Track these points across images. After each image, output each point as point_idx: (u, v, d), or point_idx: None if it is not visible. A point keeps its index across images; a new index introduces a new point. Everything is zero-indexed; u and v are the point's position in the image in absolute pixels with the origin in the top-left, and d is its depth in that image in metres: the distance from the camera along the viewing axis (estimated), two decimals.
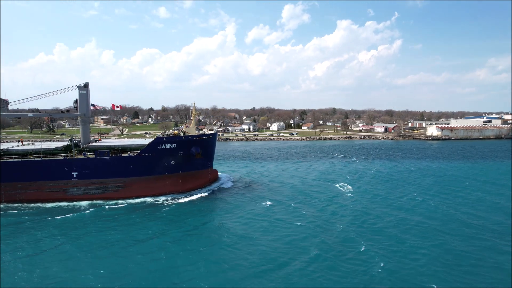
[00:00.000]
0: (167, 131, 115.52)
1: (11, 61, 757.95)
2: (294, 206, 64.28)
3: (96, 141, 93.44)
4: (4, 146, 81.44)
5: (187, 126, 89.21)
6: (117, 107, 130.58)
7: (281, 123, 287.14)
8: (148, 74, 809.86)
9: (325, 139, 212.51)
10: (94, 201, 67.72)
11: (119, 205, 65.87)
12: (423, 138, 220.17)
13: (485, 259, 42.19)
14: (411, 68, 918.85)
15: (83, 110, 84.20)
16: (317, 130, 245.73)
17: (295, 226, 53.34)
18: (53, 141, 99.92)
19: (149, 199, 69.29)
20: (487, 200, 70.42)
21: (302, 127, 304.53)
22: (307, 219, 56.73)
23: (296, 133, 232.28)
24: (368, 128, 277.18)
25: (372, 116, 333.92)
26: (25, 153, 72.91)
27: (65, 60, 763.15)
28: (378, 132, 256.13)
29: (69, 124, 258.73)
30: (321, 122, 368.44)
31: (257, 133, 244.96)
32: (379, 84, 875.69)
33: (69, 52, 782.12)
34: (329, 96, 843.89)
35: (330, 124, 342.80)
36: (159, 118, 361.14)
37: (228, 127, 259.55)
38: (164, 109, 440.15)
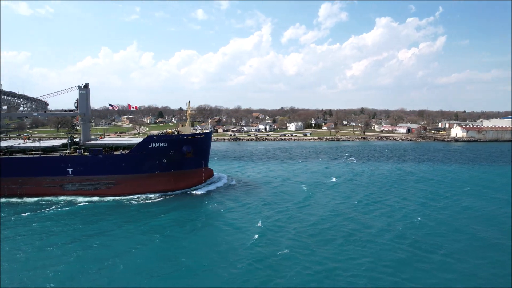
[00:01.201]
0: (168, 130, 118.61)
1: (61, 65, 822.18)
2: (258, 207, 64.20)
3: (97, 139, 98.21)
4: (9, 143, 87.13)
5: (182, 125, 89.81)
6: (133, 107, 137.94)
7: (299, 123, 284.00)
8: (186, 75, 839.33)
9: (338, 139, 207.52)
10: (87, 197, 70.35)
11: (107, 202, 67.89)
12: (446, 139, 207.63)
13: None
14: (455, 66, 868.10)
15: (83, 109, 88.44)
16: (333, 130, 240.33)
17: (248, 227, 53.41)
18: (55, 139, 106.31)
19: (138, 196, 70.76)
20: (473, 209, 65.32)
21: (323, 127, 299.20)
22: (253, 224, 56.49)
23: (310, 134, 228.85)
24: (390, 128, 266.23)
25: (397, 116, 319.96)
26: (26, 150, 77.51)
27: (109, 62, 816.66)
28: (399, 133, 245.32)
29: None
30: (345, 122, 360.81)
31: (271, 133, 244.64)
32: (419, 83, 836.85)
33: (112, 55, 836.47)
34: (366, 96, 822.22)
35: (354, 124, 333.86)
36: (183, 117, 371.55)
37: (244, 127, 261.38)
38: (189, 109, 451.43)
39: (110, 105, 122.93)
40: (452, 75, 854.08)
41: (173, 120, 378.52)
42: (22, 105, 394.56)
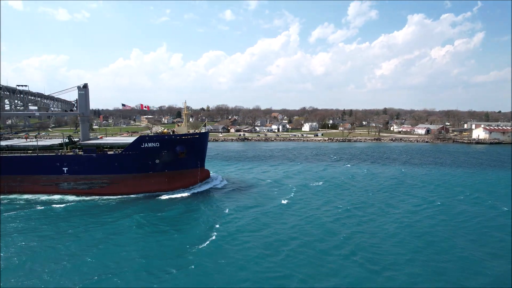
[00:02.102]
0: (164, 129, 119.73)
1: (95, 66, 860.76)
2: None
3: (96, 139, 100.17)
4: (10, 142, 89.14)
5: (178, 125, 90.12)
6: (145, 107, 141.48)
7: (314, 123, 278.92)
8: (213, 75, 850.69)
9: (349, 140, 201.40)
10: (80, 196, 71.02)
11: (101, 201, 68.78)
12: (466, 141, 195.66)
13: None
14: (494, 64, 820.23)
15: (82, 109, 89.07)
16: (346, 131, 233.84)
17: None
18: (56, 138, 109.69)
19: (132, 196, 71.20)
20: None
21: (340, 128, 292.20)
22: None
23: (322, 134, 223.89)
24: (409, 129, 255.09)
25: (419, 117, 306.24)
26: (25, 148, 79.42)
27: (139, 64, 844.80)
28: (417, 134, 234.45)
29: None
30: (364, 122, 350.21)
31: (282, 133, 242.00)
32: (454, 82, 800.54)
33: (143, 57, 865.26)
34: (395, 95, 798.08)
35: (374, 125, 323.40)
36: (204, 117, 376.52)
37: (256, 127, 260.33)
38: (208, 108, 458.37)
39: (123, 105, 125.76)
40: (491, 73, 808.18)
41: (190, 119, 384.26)
42: (52, 106, 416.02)
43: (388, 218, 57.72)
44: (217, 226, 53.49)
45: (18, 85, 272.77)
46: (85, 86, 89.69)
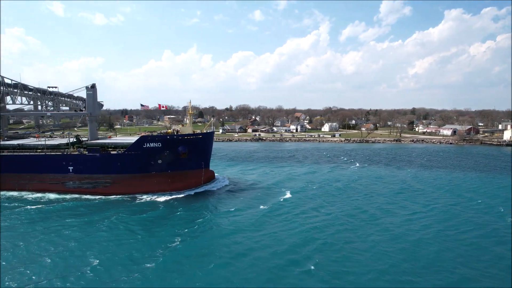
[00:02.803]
0: (168, 130, 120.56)
1: (128, 68, 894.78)
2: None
3: (105, 138, 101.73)
4: (22, 141, 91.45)
5: (182, 126, 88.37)
6: (163, 107, 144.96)
7: (334, 124, 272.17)
8: (242, 75, 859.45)
9: (367, 141, 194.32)
10: (86, 195, 72.11)
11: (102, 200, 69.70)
12: (495, 143, 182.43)
13: None
14: None
15: (90, 109, 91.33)
16: (364, 131, 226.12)
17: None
18: (65, 137, 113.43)
19: (132, 196, 71.19)
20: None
21: (362, 128, 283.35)
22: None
23: (339, 135, 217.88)
24: (434, 130, 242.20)
25: (446, 117, 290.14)
26: (35, 147, 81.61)
27: (171, 65, 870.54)
28: (442, 135, 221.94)
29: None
30: (389, 123, 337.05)
31: (298, 133, 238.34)
32: (494, 80, 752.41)
33: (174, 58, 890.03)
34: (429, 95, 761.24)
35: (399, 125, 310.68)
36: (226, 117, 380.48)
37: (274, 127, 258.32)
38: (231, 108, 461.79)
39: (141, 105, 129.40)
40: None
41: (212, 119, 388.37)
42: (82, 106, 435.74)
43: (375, 227, 54.12)
44: (186, 230, 52.71)
45: (49, 87, 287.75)
46: (93, 86, 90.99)
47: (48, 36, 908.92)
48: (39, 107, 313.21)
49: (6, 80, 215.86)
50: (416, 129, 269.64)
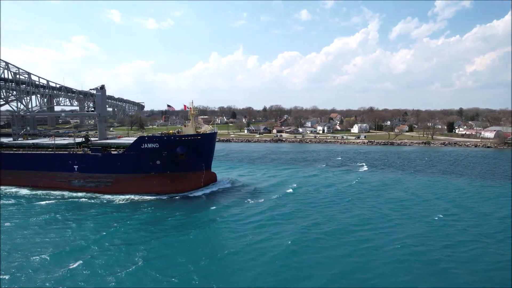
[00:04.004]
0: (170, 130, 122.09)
1: (177, 70, 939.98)
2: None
3: (114, 138, 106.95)
4: (36, 140, 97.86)
5: (185, 126, 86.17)
6: (188, 108, 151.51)
7: (365, 125, 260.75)
8: (288, 76, 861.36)
9: (392, 144, 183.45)
10: (89, 193, 74.17)
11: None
12: None
13: None
14: None
15: (99, 109, 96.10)
16: (392, 133, 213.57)
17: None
18: (78, 137, 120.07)
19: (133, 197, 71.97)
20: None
21: (395, 130, 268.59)
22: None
23: (364, 136, 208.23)
24: (474, 132, 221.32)
25: (492, 118, 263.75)
26: (47, 146, 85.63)
27: (217, 66, 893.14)
28: (483, 138, 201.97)
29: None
30: (429, 124, 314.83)
31: (329, 134, 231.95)
32: None
33: (221, 60, 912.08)
34: (490, 94, 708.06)
35: (437, 126, 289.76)
36: (260, 118, 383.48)
37: (299, 128, 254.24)
38: (265, 109, 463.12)
39: (168, 106, 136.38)
40: None
41: (243, 120, 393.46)
42: (128, 108, 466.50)
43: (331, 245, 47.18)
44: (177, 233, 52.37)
45: (91, 89, 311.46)
46: (102, 87, 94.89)
47: (106, 42, 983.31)
48: (85, 108, 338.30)
49: (51, 84, 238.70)
50: (457, 131, 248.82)
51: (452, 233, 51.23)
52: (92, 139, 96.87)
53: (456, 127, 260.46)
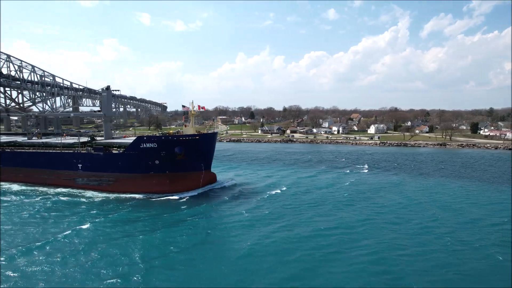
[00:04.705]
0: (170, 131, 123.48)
1: (205, 71, 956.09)
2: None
3: (120, 138, 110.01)
4: (46, 140, 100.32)
5: (185, 126, 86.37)
6: (202, 108, 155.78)
7: (382, 125, 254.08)
8: (314, 76, 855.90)
9: (405, 145, 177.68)
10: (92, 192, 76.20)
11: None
12: None
13: None
14: None
15: (104, 110, 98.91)
16: (407, 134, 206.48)
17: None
18: (85, 136, 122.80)
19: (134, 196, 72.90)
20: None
21: (416, 130, 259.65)
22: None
23: (378, 137, 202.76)
24: (498, 133, 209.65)
25: None
26: (55, 146, 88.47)
27: (243, 67, 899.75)
28: (504, 140, 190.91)
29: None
30: (454, 125, 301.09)
31: (343, 135, 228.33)
32: None
33: (247, 60, 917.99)
34: None
35: (464, 127, 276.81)
36: (277, 118, 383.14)
37: (313, 129, 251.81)
38: (285, 109, 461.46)
39: (183, 106, 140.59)
40: None
41: (261, 120, 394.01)
42: (151, 109, 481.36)
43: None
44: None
45: (114, 90, 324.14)
46: (108, 88, 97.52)
47: (136, 44, 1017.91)
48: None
49: (74, 85, 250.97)
50: (481, 132, 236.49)
51: (424, 241, 49.25)
52: (98, 138, 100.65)
53: (482, 128, 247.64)
